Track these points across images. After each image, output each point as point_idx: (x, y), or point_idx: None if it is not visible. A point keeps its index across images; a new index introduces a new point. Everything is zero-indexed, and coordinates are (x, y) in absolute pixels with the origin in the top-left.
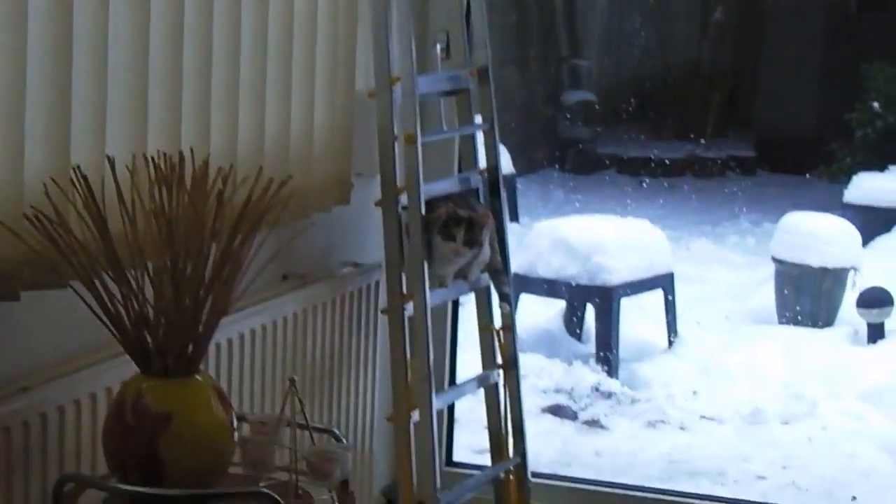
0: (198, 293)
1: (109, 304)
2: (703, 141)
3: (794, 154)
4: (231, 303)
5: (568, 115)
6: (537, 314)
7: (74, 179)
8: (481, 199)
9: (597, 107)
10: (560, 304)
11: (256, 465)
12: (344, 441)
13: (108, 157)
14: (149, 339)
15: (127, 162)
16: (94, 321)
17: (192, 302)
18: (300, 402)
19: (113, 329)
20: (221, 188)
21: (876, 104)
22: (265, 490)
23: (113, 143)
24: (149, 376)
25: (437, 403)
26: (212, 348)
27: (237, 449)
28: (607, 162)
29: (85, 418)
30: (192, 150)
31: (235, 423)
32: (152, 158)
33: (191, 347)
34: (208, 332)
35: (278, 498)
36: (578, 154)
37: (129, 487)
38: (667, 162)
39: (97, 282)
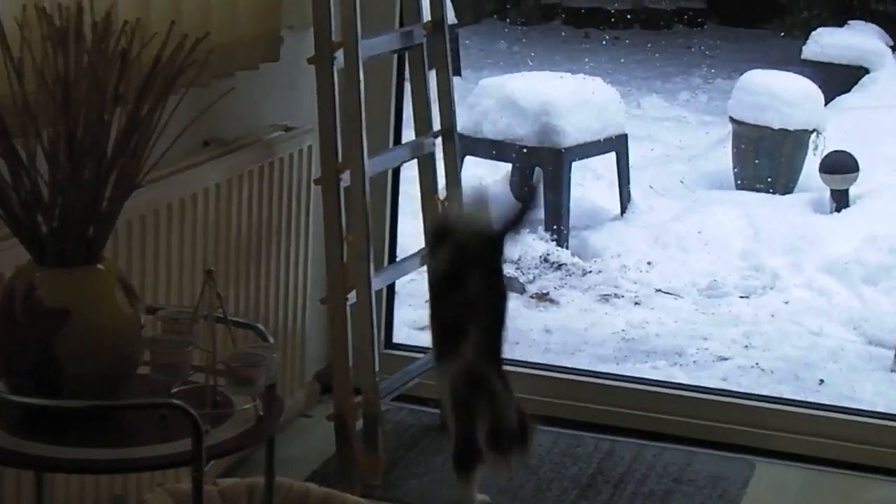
0: (99, 167)
1: None
2: None
3: (746, 6)
4: (139, 177)
5: None
6: (482, 177)
7: None
8: (424, 56)
9: None
10: (506, 168)
11: (168, 369)
12: (270, 340)
13: None
14: (41, 223)
15: (16, 14)
16: None
17: (94, 177)
18: (218, 295)
19: None
20: (126, 45)
21: None
22: (176, 401)
23: None
24: (42, 265)
25: (376, 283)
26: (120, 229)
27: (146, 350)
28: (557, 11)
29: None
30: (91, 2)
31: (144, 319)
32: (45, 10)
33: (91, 230)
34: (112, 213)
35: (192, 410)
36: (521, 4)
37: (15, 398)
38: (612, 12)
39: None
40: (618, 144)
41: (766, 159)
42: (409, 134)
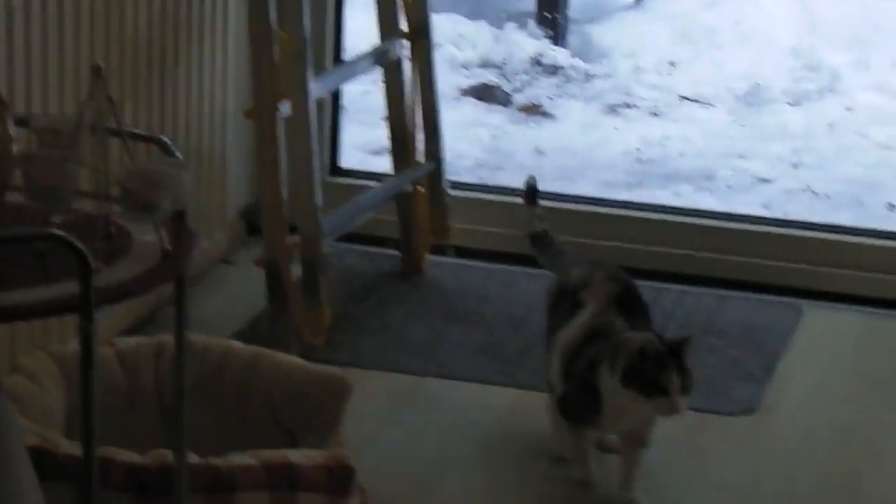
0: None
1: None
2: None
3: None
4: None
5: None
6: None
7: None
8: None
9: None
10: None
11: (46, 193)
12: (177, 154)
13: None
14: None
15: None
16: None
17: None
18: (110, 99)
19: None
20: None
21: None
22: (58, 232)
23: None
24: None
25: (317, 90)
26: None
27: (16, 170)
28: None
29: None
30: None
31: (13, 131)
32: None
33: None
34: None
35: (78, 243)
36: None
37: None
38: None
39: None
40: None
41: None
42: None
